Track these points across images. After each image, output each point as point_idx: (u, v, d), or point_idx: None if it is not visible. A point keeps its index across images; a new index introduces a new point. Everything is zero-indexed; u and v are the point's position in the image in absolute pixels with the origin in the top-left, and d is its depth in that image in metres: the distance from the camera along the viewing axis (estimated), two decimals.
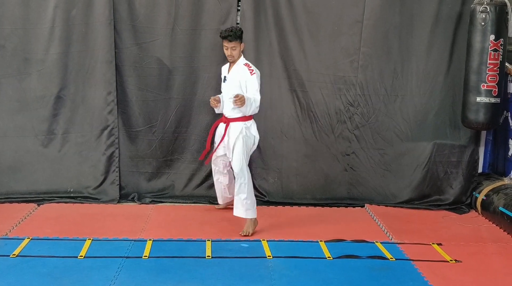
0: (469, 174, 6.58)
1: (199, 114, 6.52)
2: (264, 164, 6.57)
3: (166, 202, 6.52)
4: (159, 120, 6.54)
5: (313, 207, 6.47)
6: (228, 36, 5.44)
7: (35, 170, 6.45)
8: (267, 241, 5.34)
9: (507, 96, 6.47)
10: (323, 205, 6.54)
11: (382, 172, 6.63)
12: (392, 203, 6.57)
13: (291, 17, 6.41)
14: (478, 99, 6.05)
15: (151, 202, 6.49)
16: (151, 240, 5.28)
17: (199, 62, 6.46)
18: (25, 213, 5.94)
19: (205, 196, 6.57)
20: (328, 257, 5.01)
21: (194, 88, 6.51)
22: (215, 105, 5.65)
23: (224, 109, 5.67)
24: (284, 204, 6.52)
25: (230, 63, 5.66)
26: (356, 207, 6.54)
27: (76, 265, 4.71)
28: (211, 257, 4.95)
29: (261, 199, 6.42)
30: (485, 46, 5.96)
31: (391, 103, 6.56)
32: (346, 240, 5.44)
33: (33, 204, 6.23)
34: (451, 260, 5.02)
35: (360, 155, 6.62)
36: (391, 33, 6.44)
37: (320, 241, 5.37)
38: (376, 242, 5.40)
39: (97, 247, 5.10)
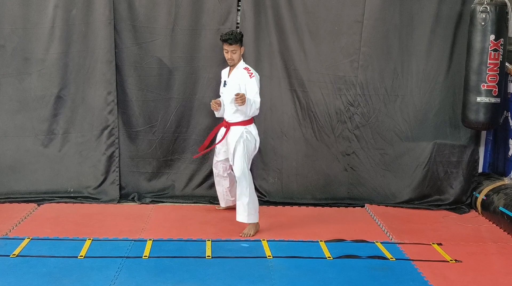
0: (469, 174, 6.57)
1: (200, 114, 6.52)
2: (264, 164, 6.57)
3: (166, 202, 6.52)
4: (159, 120, 6.54)
5: (313, 207, 6.47)
6: (229, 39, 5.43)
7: (35, 170, 6.45)
8: (267, 241, 5.34)
9: (507, 96, 6.47)
10: (323, 205, 6.54)
11: (382, 172, 6.63)
12: (392, 203, 6.57)
13: (291, 17, 6.40)
14: (478, 99, 6.05)
15: (151, 202, 6.49)
16: (151, 240, 5.28)
17: (199, 62, 6.46)
18: (25, 213, 5.94)
19: (205, 196, 6.57)
20: (328, 257, 5.01)
21: (194, 88, 6.51)
22: (216, 109, 5.64)
23: (225, 114, 5.67)
24: (284, 204, 6.52)
25: (230, 67, 5.66)
26: (356, 207, 6.54)
27: (76, 265, 4.71)
28: (211, 257, 4.95)
29: (261, 199, 6.40)
30: (485, 46, 5.97)
31: (391, 103, 6.56)
32: (346, 240, 5.44)
33: (33, 204, 6.23)
34: (451, 260, 5.02)
35: (360, 155, 6.62)
36: (391, 33, 6.44)
37: (320, 241, 5.37)
38: (376, 242, 5.40)
39: (97, 247, 5.10)
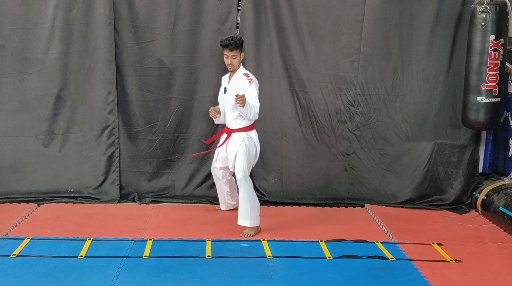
0: (470, 174, 6.57)
1: (200, 114, 6.51)
2: (265, 164, 6.57)
3: (167, 202, 6.52)
4: (160, 120, 6.53)
5: (313, 207, 6.46)
6: (229, 45, 5.44)
7: (36, 170, 6.45)
8: (267, 241, 5.34)
9: (508, 96, 6.47)
10: (324, 205, 6.54)
11: (383, 172, 6.63)
12: (393, 203, 6.56)
13: (291, 17, 6.40)
14: (479, 99, 6.05)
15: (152, 202, 6.49)
16: (152, 240, 5.28)
17: (200, 62, 6.46)
18: (25, 213, 5.94)
19: (206, 196, 6.57)
20: (329, 257, 5.01)
21: (195, 88, 6.51)
22: (215, 116, 5.63)
23: (227, 120, 5.67)
24: (285, 204, 6.52)
25: (230, 74, 5.66)
26: (357, 207, 6.54)
27: (77, 265, 4.71)
28: (212, 257, 4.95)
29: (261, 199, 6.39)
30: (486, 46, 5.97)
31: (392, 103, 6.56)
32: (347, 240, 5.44)
33: (33, 204, 6.23)
34: (452, 260, 5.02)
35: (361, 155, 6.62)
36: (392, 33, 6.44)
37: (320, 241, 5.37)
38: (377, 242, 5.40)
39: (98, 247, 5.10)
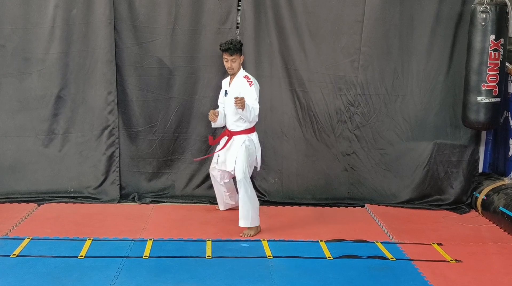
0: (470, 174, 6.57)
1: (200, 114, 6.51)
2: (265, 164, 6.56)
3: (167, 202, 6.52)
4: (160, 120, 6.53)
5: (314, 207, 6.46)
6: (229, 49, 5.44)
7: (36, 170, 6.46)
8: (268, 241, 5.34)
9: (508, 96, 6.47)
10: (324, 205, 6.54)
11: (383, 172, 6.63)
12: (393, 203, 6.56)
13: (292, 17, 6.40)
14: (479, 99, 6.05)
15: (152, 202, 6.49)
16: (152, 240, 5.28)
17: (200, 62, 6.46)
18: (26, 213, 5.94)
19: (206, 196, 6.57)
20: (329, 257, 5.01)
21: (195, 88, 6.51)
22: (214, 119, 5.62)
23: (227, 123, 5.67)
24: (285, 204, 6.52)
25: (231, 77, 5.66)
26: (357, 207, 6.54)
27: (77, 265, 4.71)
28: (212, 257, 4.95)
29: (261, 199, 6.40)
30: (486, 46, 5.97)
31: (392, 103, 6.56)
32: (347, 240, 5.44)
33: (34, 204, 6.23)
34: (452, 260, 5.02)
35: (361, 155, 6.62)
36: (392, 33, 6.44)
37: (321, 241, 5.37)
38: (377, 242, 5.40)
39: (98, 247, 5.10)
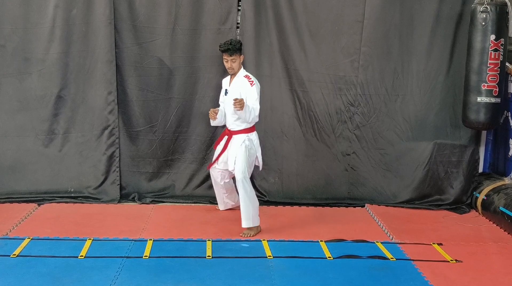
0: (470, 174, 6.57)
1: (200, 114, 6.51)
2: (265, 164, 6.54)
3: (167, 202, 6.52)
4: (160, 120, 6.53)
5: (314, 207, 6.46)
6: (228, 50, 5.44)
7: (36, 170, 6.45)
8: (268, 241, 5.34)
9: (508, 96, 6.47)
10: (324, 205, 6.53)
11: (383, 172, 6.63)
12: (393, 203, 6.56)
13: (292, 17, 6.40)
14: (479, 99, 6.05)
15: (152, 202, 6.49)
16: (152, 240, 5.28)
17: (200, 62, 6.46)
18: (26, 213, 5.94)
19: (206, 196, 6.56)
20: (329, 257, 5.01)
21: (195, 88, 6.51)
22: (214, 118, 5.62)
23: (227, 122, 5.67)
24: (285, 204, 6.51)
25: (231, 76, 5.66)
26: (357, 207, 6.54)
27: (77, 265, 4.71)
28: (212, 257, 4.95)
29: (261, 199, 6.40)
30: (486, 46, 5.96)
31: (392, 103, 6.56)
32: (347, 240, 5.44)
33: (34, 204, 6.23)
34: (452, 260, 5.02)
35: (361, 155, 6.62)
36: (392, 33, 6.44)
37: (321, 241, 5.37)
38: (377, 242, 5.40)
39: (98, 247, 5.10)
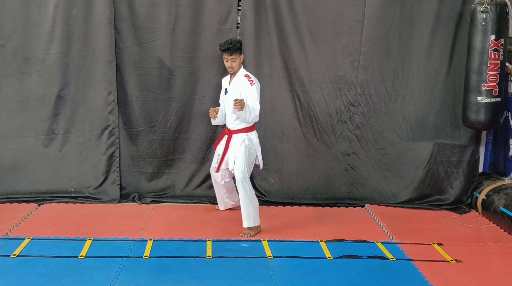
0: (470, 174, 6.57)
1: (200, 114, 6.51)
2: (265, 164, 6.54)
3: (167, 202, 6.52)
4: (160, 120, 6.53)
5: (314, 207, 6.46)
6: (228, 49, 5.44)
7: (36, 170, 6.45)
8: (268, 241, 5.34)
9: (508, 96, 6.47)
10: (324, 205, 6.53)
11: (383, 172, 6.63)
12: (393, 203, 6.56)
13: (292, 17, 6.40)
14: (479, 99, 6.05)
15: (152, 202, 6.49)
16: (152, 240, 5.28)
17: (200, 62, 6.46)
18: (26, 213, 5.94)
19: (206, 196, 6.56)
20: (329, 257, 5.01)
21: (195, 88, 6.51)
22: (214, 117, 5.63)
23: (227, 121, 5.68)
24: (285, 204, 6.51)
25: (231, 75, 5.66)
26: (357, 207, 6.54)
27: (77, 265, 4.72)
28: (212, 257, 4.95)
29: (261, 199, 6.40)
30: (486, 46, 5.97)
31: (392, 103, 6.56)
32: (347, 240, 5.44)
33: (34, 204, 6.23)
34: (452, 260, 5.02)
35: (361, 155, 6.62)
36: (392, 33, 6.44)
37: (321, 241, 5.37)
38: (377, 242, 5.40)
39: (98, 247, 5.11)
